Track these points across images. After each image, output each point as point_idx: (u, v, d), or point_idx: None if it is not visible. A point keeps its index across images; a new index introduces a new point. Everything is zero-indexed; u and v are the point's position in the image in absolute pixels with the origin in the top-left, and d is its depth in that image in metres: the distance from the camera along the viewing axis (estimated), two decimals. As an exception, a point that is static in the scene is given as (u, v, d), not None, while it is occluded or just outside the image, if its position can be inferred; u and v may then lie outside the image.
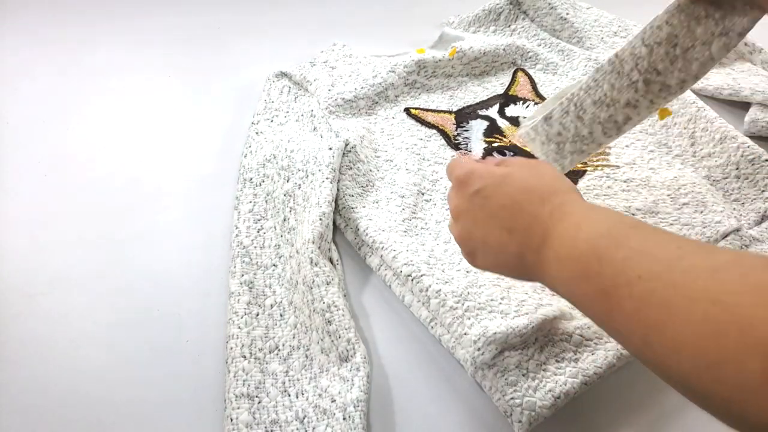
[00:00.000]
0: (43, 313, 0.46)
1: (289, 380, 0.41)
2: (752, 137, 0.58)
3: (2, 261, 0.49)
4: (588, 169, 0.57)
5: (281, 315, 0.45)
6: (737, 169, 0.55)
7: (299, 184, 0.52)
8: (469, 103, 0.64)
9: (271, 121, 0.60)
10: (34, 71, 0.69)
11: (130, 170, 0.57)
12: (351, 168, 0.54)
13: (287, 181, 0.53)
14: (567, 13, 0.73)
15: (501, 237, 0.33)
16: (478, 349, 0.39)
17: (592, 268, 0.28)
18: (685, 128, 0.59)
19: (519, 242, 0.33)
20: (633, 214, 0.52)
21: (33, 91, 0.66)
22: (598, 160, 0.58)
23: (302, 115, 0.60)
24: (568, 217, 0.31)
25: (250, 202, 0.52)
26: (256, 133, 0.59)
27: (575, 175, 0.56)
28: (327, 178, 0.50)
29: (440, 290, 0.43)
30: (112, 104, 0.65)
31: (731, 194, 0.54)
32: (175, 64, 0.70)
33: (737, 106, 0.65)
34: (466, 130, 0.61)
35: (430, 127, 0.61)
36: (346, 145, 0.55)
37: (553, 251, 0.31)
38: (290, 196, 0.52)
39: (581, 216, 0.31)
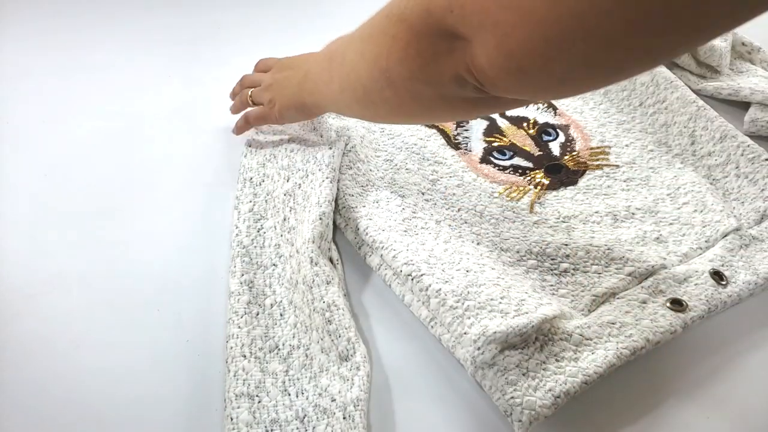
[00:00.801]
0: (43, 313, 0.46)
1: (289, 379, 0.41)
2: (752, 137, 0.58)
3: (2, 261, 0.49)
4: (588, 168, 0.57)
5: (281, 314, 0.45)
6: (737, 168, 0.55)
7: (299, 184, 0.52)
8: (468, 103, 0.64)
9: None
10: (34, 71, 0.69)
11: (130, 170, 0.57)
12: (351, 168, 0.54)
13: (287, 181, 0.53)
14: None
15: (294, 86, 0.52)
16: (478, 349, 0.39)
17: (331, 65, 0.46)
18: (685, 127, 0.59)
19: (304, 89, 0.51)
20: (633, 214, 0.52)
21: (33, 91, 0.66)
22: (598, 160, 0.58)
23: None
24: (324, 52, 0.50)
25: (250, 201, 0.52)
26: (256, 132, 0.59)
27: (575, 174, 0.56)
28: (327, 178, 0.50)
29: (440, 289, 0.43)
30: (112, 104, 0.65)
31: (731, 193, 0.54)
32: (175, 64, 0.70)
33: (737, 105, 0.65)
34: (466, 130, 0.61)
35: (429, 127, 0.61)
36: (346, 144, 0.55)
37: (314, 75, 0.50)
38: (290, 195, 0.52)
39: (329, 50, 0.49)
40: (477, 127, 0.61)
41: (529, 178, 0.56)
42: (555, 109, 0.64)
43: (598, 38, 0.28)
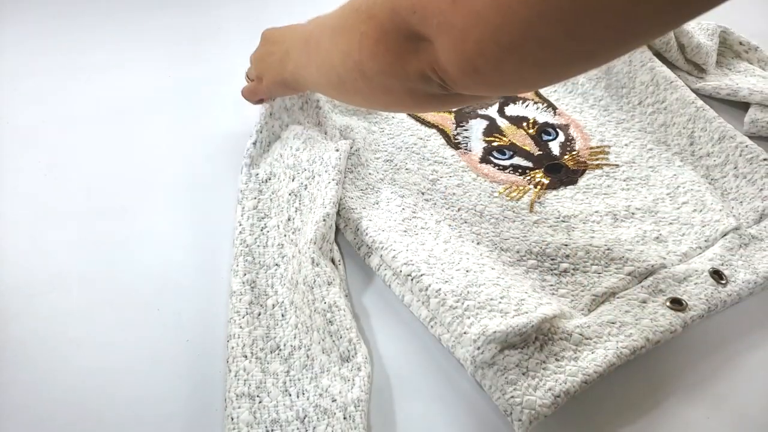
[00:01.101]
0: (43, 313, 0.46)
1: (290, 380, 0.41)
2: (752, 137, 0.58)
3: (2, 261, 0.49)
4: (588, 167, 0.57)
5: (282, 315, 0.45)
6: (736, 168, 0.55)
7: (305, 185, 0.52)
8: (468, 103, 0.64)
9: (287, 107, 0.59)
10: (34, 71, 0.69)
11: (130, 170, 0.57)
12: (352, 171, 0.54)
13: (292, 180, 0.53)
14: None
15: (276, 62, 0.53)
16: (478, 348, 0.39)
17: (308, 48, 0.48)
18: (684, 128, 0.59)
19: (286, 64, 0.52)
20: (632, 214, 0.52)
21: (33, 91, 0.66)
22: (597, 159, 0.58)
23: (306, 102, 0.59)
24: (300, 31, 0.52)
25: (255, 198, 0.52)
26: (270, 114, 0.57)
27: (575, 174, 0.56)
28: (333, 180, 0.50)
29: (440, 289, 0.43)
30: (112, 104, 0.65)
31: (730, 193, 0.54)
32: (175, 64, 0.70)
33: (736, 106, 0.65)
34: (466, 130, 0.61)
35: (429, 127, 0.61)
36: (351, 147, 0.55)
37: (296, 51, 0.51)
38: (296, 195, 0.52)
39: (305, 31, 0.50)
40: (477, 126, 0.61)
41: (528, 177, 0.56)
42: (555, 108, 0.64)
43: (542, 41, 0.29)
